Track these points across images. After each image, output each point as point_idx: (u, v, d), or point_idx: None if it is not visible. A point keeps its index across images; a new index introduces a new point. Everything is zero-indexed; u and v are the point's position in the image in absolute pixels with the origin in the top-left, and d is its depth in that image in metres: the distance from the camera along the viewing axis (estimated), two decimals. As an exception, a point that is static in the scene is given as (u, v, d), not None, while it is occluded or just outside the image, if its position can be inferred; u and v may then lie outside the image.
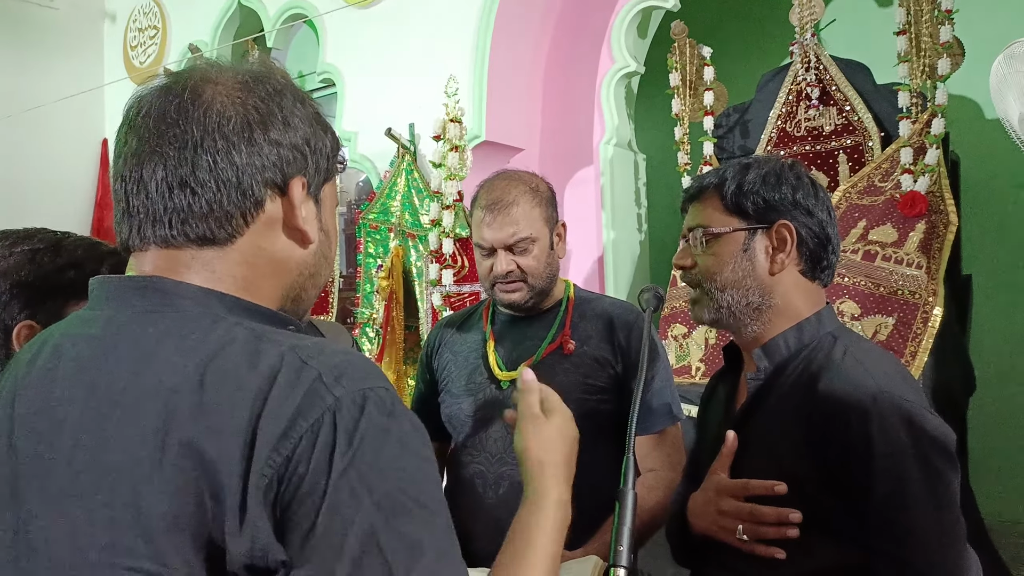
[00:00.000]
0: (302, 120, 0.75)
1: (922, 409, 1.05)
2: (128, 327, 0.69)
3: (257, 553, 0.60)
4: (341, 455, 0.61)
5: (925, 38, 2.86)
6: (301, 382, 0.63)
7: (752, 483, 1.11)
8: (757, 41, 4.42)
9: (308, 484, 0.60)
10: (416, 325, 3.59)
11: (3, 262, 1.09)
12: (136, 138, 0.71)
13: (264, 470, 0.60)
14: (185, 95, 0.71)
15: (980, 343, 3.33)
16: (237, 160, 0.70)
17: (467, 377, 1.65)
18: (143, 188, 0.70)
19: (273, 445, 0.60)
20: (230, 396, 0.62)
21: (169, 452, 0.61)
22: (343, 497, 0.60)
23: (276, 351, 0.65)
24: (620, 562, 0.95)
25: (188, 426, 0.62)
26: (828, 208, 1.19)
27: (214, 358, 0.64)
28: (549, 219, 1.61)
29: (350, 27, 4.02)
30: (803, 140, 3.25)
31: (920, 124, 2.88)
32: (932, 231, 2.77)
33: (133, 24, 5.03)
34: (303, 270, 0.78)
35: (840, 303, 2.78)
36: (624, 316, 1.61)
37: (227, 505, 0.60)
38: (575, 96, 4.02)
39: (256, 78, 0.74)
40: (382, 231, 3.70)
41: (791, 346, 1.16)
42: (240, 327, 0.67)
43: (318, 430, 0.61)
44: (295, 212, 0.74)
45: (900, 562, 1.01)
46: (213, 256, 0.71)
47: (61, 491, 0.65)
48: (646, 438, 1.55)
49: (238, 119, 0.71)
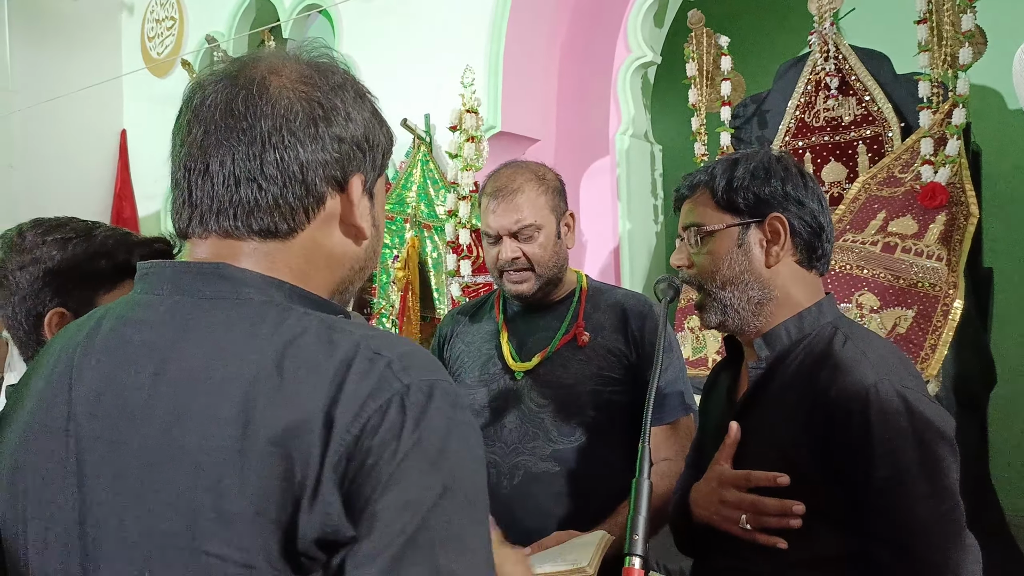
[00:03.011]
0: (363, 115, 0.76)
1: (920, 396, 1.06)
2: (196, 313, 0.69)
3: (329, 529, 0.61)
4: (408, 435, 0.62)
5: (947, 26, 2.82)
6: (374, 369, 0.64)
7: (754, 474, 1.12)
8: (775, 30, 4.38)
9: (374, 457, 0.61)
10: (431, 316, 3.60)
11: (36, 250, 1.11)
12: (202, 128, 0.71)
13: (337, 448, 0.62)
14: (253, 88, 0.71)
15: (1001, 336, 3.28)
16: (303, 156, 0.71)
17: (480, 367, 1.66)
18: (208, 179, 0.71)
19: (346, 426, 0.62)
20: (307, 383, 0.63)
21: (251, 440, 0.62)
22: (406, 475, 0.61)
23: (350, 341, 0.66)
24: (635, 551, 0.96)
25: (269, 414, 0.63)
26: (819, 197, 1.20)
27: (290, 346, 0.65)
28: (555, 208, 1.61)
29: (366, 17, 4.02)
30: (822, 131, 3.22)
31: (941, 114, 2.84)
32: (952, 223, 2.73)
33: (150, 15, 5.05)
34: (354, 264, 0.79)
35: (859, 295, 2.76)
36: (637, 307, 1.61)
37: (306, 485, 0.61)
38: (591, 86, 4.00)
39: (320, 71, 0.75)
40: (398, 222, 3.71)
41: (792, 335, 1.17)
42: (310, 317, 0.68)
43: (386, 410, 0.63)
44: (353, 209, 0.76)
45: (898, 547, 1.02)
46: (274, 248, 0.73)
47: (133, 475, 0.66)
48: (659, 428, 1.55)
49: (304, 114, 0.72)
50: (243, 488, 0.62)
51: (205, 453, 0.63)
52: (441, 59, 3.67)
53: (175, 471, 0.64)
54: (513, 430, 1.58)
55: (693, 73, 3.52)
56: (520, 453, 1.56)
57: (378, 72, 3.95)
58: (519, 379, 1.60)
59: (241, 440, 0.62)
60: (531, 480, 1.54)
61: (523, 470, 1.55)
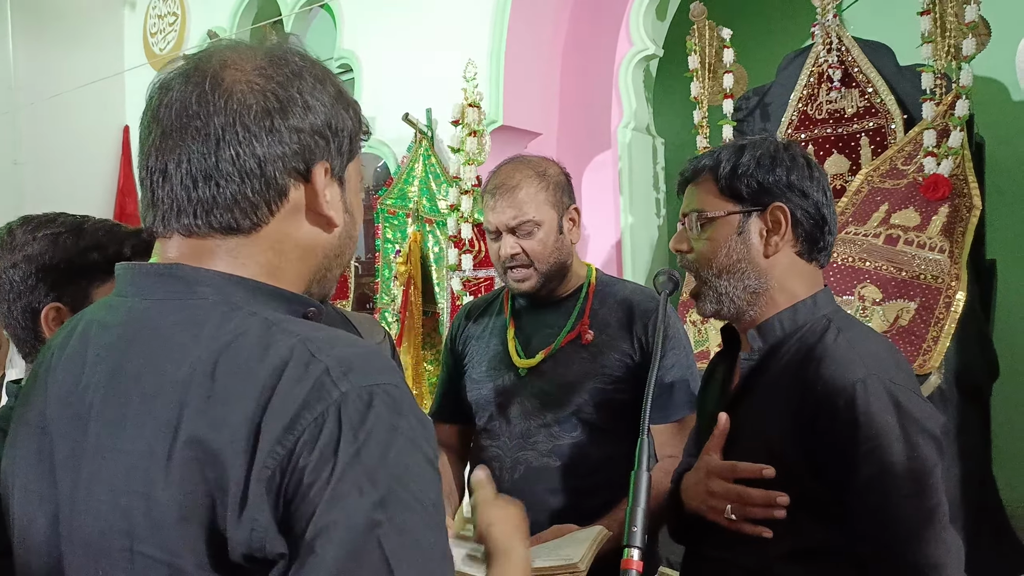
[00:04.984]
0: (322, 102, 0.74)
1: (910, 393, 1.05)
2: (148, 315, 0.69)
3: (255, 544, 0.60)
4: (346, 449, 0.60)
5: (950, 17, 2.80)
6: (308, 375, 0.62)
7: (740, 466, 1.12)
8: (778, 22, 4.36)
9: (311, 476, 0.60)
10: (433, 310, 3.60)
11: (27, 247, 1.11)
12: (160, 129, 0.71)
13: (267, 461, 0.60)
14: (206, 84, 0.71)
15: (1004, 328, 3.28)
16: (259, 151, 0.70)
17: (488, 363, 1.66)
18: (168, 180, 0.71)
19: (277, 438, 0.61)
20: (238, 388, 0.63)
21: (179, 444, 0.62)
22: (346, 490, 0.59)
23: (287, 343, 0.65)
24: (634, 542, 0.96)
25: (197, 418, 0.62)
26: (824, 188, 1.18)
27: (226, 350, 0.64)
28: (557, 203, 1.60)
29: (367, 12, 4.01)
30: (824, 123, 3.21)
31: (944, 106, 2.83)
32: (955, 215, 2.72)
33: (152, 11, 5.06)
34: (328, 252, 0.78)
35: (861, 287, 2.76)
36: (644, 304, 1.60)
37: (230, 496, 0.61)
38: (593, 80, 3.99)
39: (274, 61, 0.74)
40: (400, 216, 3.71)
41: (786, 327, 1.16)
42: (255, 317, 0.67)
43: (322, 424, 0.61)
44: (319, 199, 0.74)
45: (880, 544, 1.02)
46: (238, 244, 0.72)
47: (90, 476, 0.67)
48: (665, 426, 1.55)
49: (257, 107, 0.71)
50: (168, 492, 0.62)
51: (138, 456, 0.64)
52: (443, 53, 3.66)
53: (114, 472, 0.65)
54: (516, 425, 1.59)
55: (695, 66, 3.51)
56: (522, 448, 1.57)
57: (380, 67, 3.95)
58: (523, 375, 1.61)
59: (170, 444, 0.62)
60: (531, 474, 1.55)
61: (524, 465, 1.56)
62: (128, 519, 0.64)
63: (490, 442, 1.62)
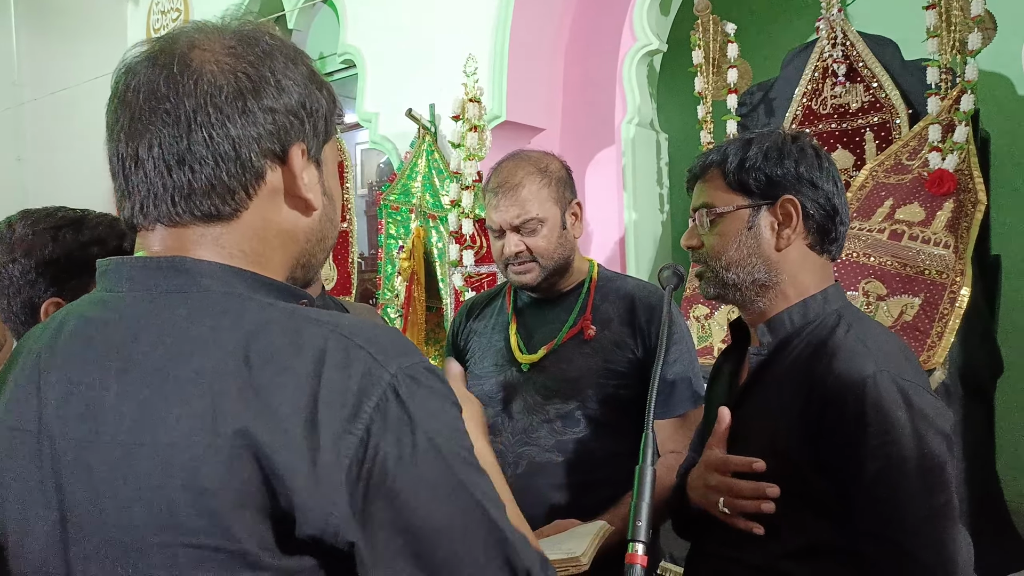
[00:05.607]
0: (295, 82, 0.73)
1: (920, 389, 1.04)
2: (155, 309, 0.68)
3: (330, 531, 0.61)
4: (415, 428, 0.63)
5: (956, 12, 2.79)
6: (352, 363, 0.64)
7: (733, 459, 1.12)
8: (782, 17, 4.35)
9: (393, 461, 0.62)
10: (437, 306, 3.60)
11: (27, 241, 1.11)
12: (129, 115, 0.70)
13: (343, 450, 0.61)
14: (174, 66, 0.69)
15: (1009, 324, 3.27)
16: (233, 132, 0.69)
17: (490, 358, 1.67)
18: (140, 166, 0.69)
19: (344, 426, 0.62)
20: (280, 377, 0.62)
21: (222, 434, 0.62)
22: (427, 466, 0.63)
23: (319, 332, 0.65)
24: (638, 537, 0.96)
25: (239, 408, 0.62)
26: (835, 179, 1.17)
27: (254, 339, 0.64)
28: (560, 199, 1.60)
29: (371, 7, 4.00)
30: (829, 118, 3.20)
31: (949, 101, 2.81)
32: (960, 210, 2.71)
33: (155, 7, 5.05)
34: (310, 236, 0.77)
35: (866, 283, 2.75)
36: (647, 299, 1.60)
37: (295, 485, 0.61)
38: (596, 75, 3.98)
39: (244, 41, 0.72)
40: (403, 212, 3.71)
41: (795, 322, 1.15)
42: (273, 308, 0.67)
43: (385, 408, 0.63)
44: (297, 181, 0.73)
45: (889, 542, 1.00)
46: (220, 232, 0.71)
47: (107, 472, 0.65)
48: (669, 421, 1.55)
49: (229, 88, 0.69)
50: (219, 482, 0.61)
51: (180, 450, 0.62)
52: (446, 49, 3.66)
53: (147, 466, 0.63)
54: (519, 421, 1.59)
55: (699, 61, 3.49)
56: (525, 443, 1.57)
57: (383, 63, 3.95)
58: (525, 371, 1.60)
59: (213, 435, 0.62)
60: (534, 469, 1.55)
61: (527, 460, 1.56)
62: (171, 513, 0.62)
63: (493, 437, 1.62)
